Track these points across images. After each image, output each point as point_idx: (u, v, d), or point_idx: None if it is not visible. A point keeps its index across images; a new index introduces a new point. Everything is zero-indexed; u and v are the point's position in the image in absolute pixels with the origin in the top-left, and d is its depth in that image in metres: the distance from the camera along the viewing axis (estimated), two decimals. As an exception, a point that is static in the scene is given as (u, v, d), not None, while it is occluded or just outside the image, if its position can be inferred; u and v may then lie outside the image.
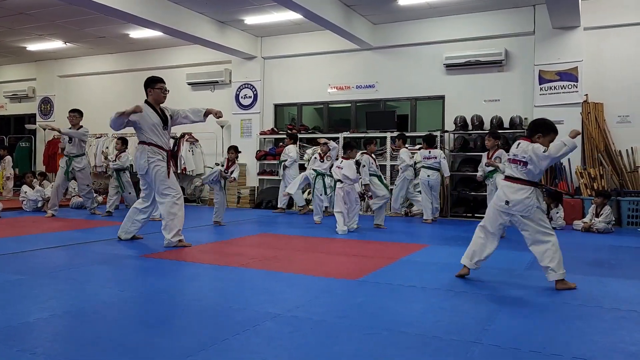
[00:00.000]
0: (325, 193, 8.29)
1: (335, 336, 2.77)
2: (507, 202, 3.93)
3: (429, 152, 8.38)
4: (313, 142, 10.25)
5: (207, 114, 5.91)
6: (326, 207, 8.72)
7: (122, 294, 3.59)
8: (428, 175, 8.26)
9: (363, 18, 9.84)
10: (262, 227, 7.72)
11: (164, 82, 5.88)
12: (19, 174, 12.52)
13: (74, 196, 9.90)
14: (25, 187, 9.41)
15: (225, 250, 5.73)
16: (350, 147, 7.35)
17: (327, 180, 8.29)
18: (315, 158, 8.57)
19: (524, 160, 3.90)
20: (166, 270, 4.47)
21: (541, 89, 9.02)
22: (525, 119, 9.10)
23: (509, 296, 3.70)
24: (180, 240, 5.55)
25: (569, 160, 8.68)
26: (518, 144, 4.01)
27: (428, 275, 4.42)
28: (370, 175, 7.54)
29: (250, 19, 9.99)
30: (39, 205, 9.22)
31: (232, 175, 7.61)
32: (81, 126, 8.52)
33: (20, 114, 14.93)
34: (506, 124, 9.21)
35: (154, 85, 5.74)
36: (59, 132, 8.52)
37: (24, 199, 9.33)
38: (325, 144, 8.48)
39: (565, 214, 7.84)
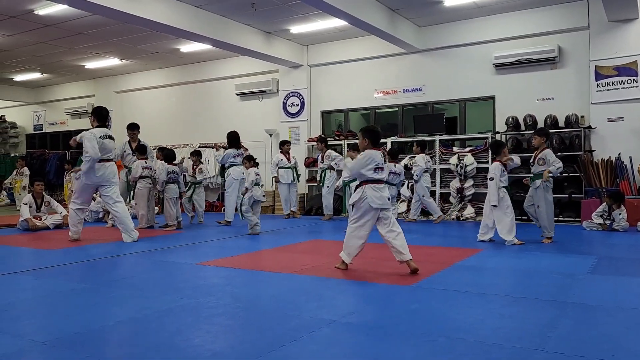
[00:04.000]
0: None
1: (391, 342, 2.75)
2: (388, 199, 4.62)
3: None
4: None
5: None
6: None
7: (181, 300, 3.70)
8: None
9: (408, 21, 9.77)
10: (313, 234, 7.76)
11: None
12: (80, 186, 13.11)
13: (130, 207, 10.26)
14: (87, 199, 9.83)
15: (278, 257, 5.80)
16: (503, 147, 6.51)
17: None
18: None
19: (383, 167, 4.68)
20: (221, 277, 4.57)
21: (598, 85, 8.67)
22: (582, 117, 8.77)
23: (571, 302, 3.56)
24: None
25: (630, 158, 8.30)
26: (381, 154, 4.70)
27: (484, 280, 4.32)
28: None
29: (296, 28, 10.12)
30: (100, 216, 9.63)
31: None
32: (139, 140, 8.80)
33: (80, 130, 15.59)
34: (561, 123, 8.89)
35: None
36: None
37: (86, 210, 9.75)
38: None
39: (629, 215, 7.48)
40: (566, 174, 8.70)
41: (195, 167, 9.35)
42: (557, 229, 7.72)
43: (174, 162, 8.51)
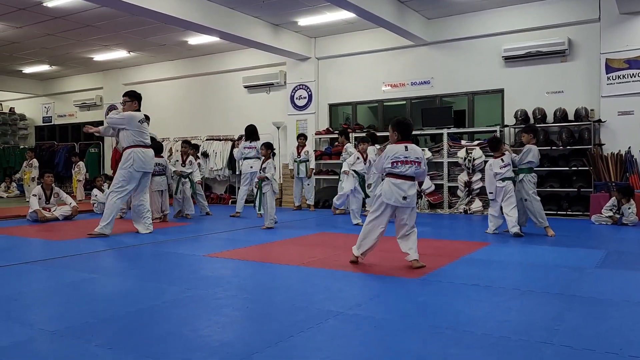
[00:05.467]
0: (367, 195, 7.93)
1: (398, 335, 2.76)
2: (405, 198, 4.36)
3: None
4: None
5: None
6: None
7: (189, 291, 3.72)
8: None
9: (417, 13, 9.71)
10: (321, 227, 7.77)
11: (124, 95, 6.94)
12: (89, 178, 13.21)
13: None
14: (95, 191, 9.92)
15: (285, 249, 5.82)
16: (501, 143, 6.80)
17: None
18: (358, 158, 8.00)
19: (417, 160, 4.42)
20: (228, 269, 4.60)
21: (608, 78, 8.59)
22: (592, 110, 8.70)
23: (579, 295, 3.55)
24: None
25: (640, 152, 8.25)
26: (406, 147, 4.43)
27: (491, 273, 4.31)
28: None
29: (304, 20, 10.08)
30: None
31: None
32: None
33: (89, 122, 15.74)
34: (571, 116, 8.83)
35: None
36: None
37: (94, 202, 9.83)
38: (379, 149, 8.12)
39: (638, 210, 7.43)
40: (575, 168, 8.65)
41: (185, 157, 9.03)
42: (566, 223, 7.71)
43: (161, 155, 8.47)
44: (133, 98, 6.81)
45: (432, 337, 2.71)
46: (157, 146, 8.47)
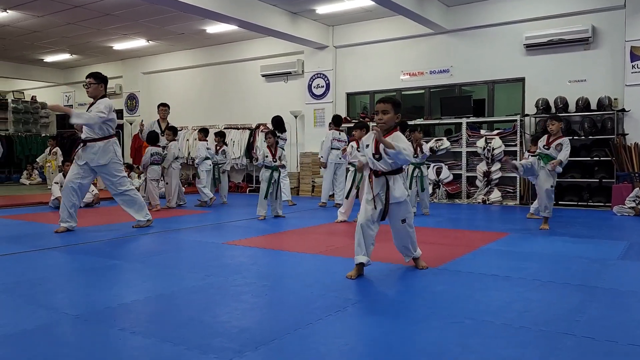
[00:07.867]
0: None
1: (416, 324, 2.75)
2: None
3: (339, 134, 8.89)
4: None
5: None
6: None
7: (208, 278, 3.76)
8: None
9: (436, 1, 9.57)
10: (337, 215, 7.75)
11: (89, 77, 6.11)
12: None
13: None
14: (115, 179, 10.02)
15: (303, 238, 5.83)
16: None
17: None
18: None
19: None
20: (247, 257, 4.63)
21: (633, 66, 8.39)
22: (615, 99, 8.52)
23: (601, 287, 3.50)
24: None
25: (665, 142, 8.06)
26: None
27: (511, 264, 4.27)
28: None
29: (322, 9, 10.02)
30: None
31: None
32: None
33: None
34: (593, 106, 8.66)
35: None
36: None
37: (114, 190, 9.95)
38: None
39: (662, 201, 7.29)
40: (597, 158, 8.51)
41: (218, 148, 9.46)
42: (587, 213, 7.60)
43: (158, 144, 8.52)
44: (100, 81, 6.09)
45: (451, 327, 2.70)
46: (153, 135, 8.51)
